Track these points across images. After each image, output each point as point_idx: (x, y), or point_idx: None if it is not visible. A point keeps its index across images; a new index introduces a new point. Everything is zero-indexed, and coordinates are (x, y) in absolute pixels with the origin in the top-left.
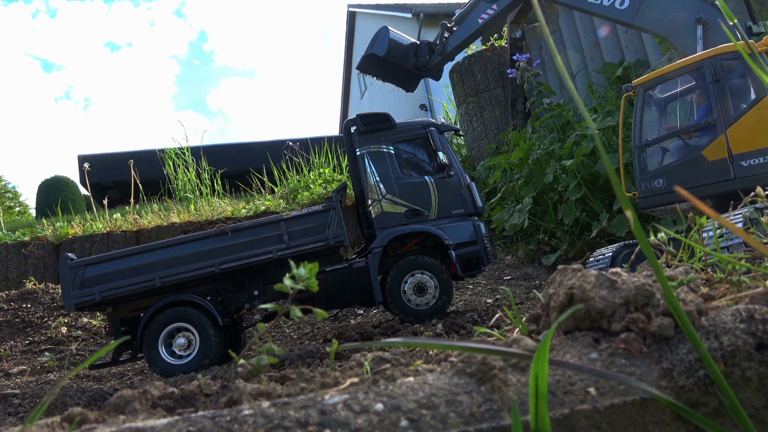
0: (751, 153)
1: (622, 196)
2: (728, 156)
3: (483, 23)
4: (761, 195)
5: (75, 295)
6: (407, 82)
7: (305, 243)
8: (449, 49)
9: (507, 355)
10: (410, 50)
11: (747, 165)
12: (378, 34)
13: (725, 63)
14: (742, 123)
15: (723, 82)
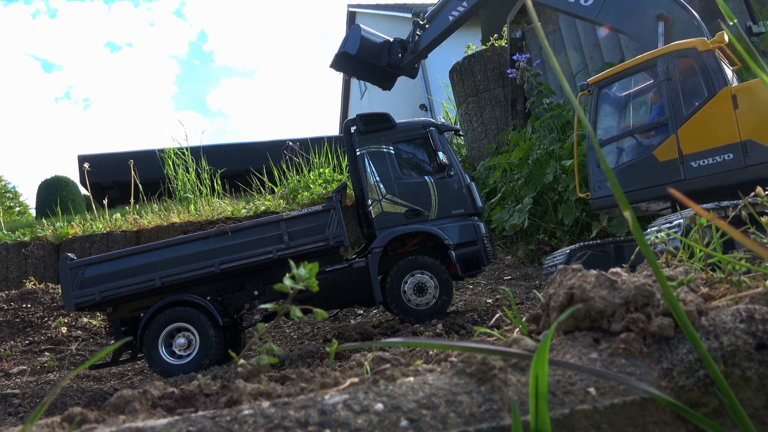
0: (701, 153)
1: (620, 195)
2: (679, 156)
3: (454, 20)
4: (761, 195)
5: (75, 295)
6: (383, 80)
7: (305, 243)
8: (421, 47)
9: (507, 355)
10: (383, 48)
11: (696, 165)
12: (350, 32)
13: (678, 61)
14: (693, 123)
15: (675, 80)
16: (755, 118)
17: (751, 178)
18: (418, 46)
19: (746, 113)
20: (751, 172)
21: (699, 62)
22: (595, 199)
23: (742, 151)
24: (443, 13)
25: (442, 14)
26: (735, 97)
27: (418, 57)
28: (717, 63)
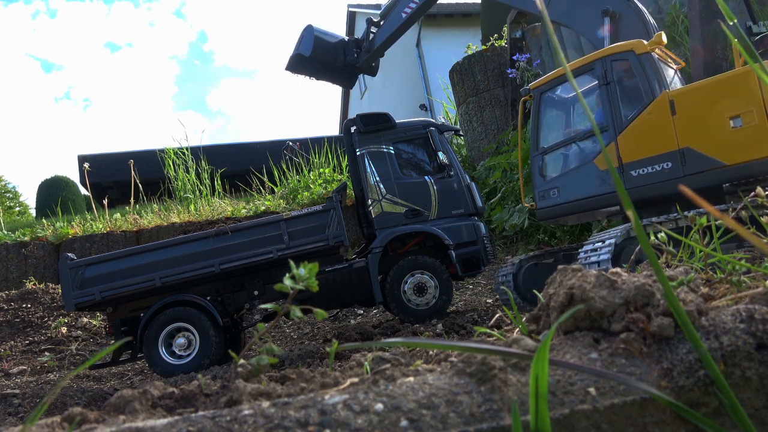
0: (640, 162)
1: (623, 194)
2: (619, 165)
3: (407, 17)
4: (761, 195)
5: (75, 295)
6: (342, 79)
7: (305, 243)
8: (376, 46)
9: (507, 355)
10: (339, 48)
11: (636, 174)
12: (303, 34)
13: (616, 64)
14: (632, 129)
15: (614, 84)
16: (693, 124)
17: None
18: (373, 45)
19: (684, 119)
20: (689, 182)
21: (636, 65)
22: (540, 209)
23: (681, 159)
24: (396, 10)
25: (395, 12)
26: (672, 102)
27: (374, 56)
28: (655, 66)
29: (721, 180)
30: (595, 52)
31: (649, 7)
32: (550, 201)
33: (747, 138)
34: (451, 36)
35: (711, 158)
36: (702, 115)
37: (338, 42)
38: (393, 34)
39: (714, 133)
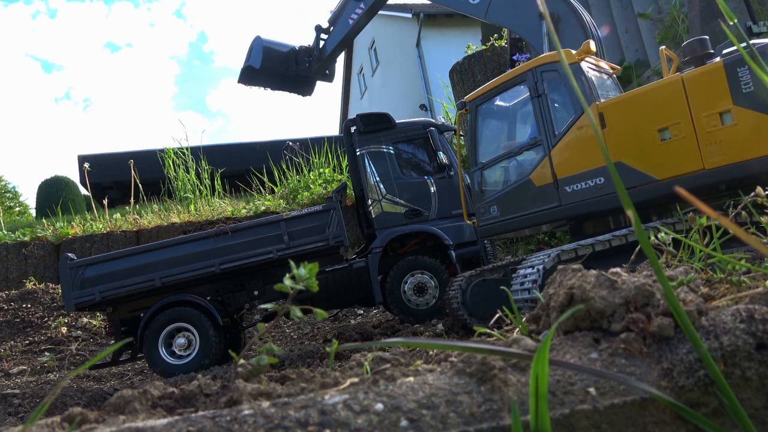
0: (574, 177)
1: (623, 194)
2: (553, 181)
3: (354, 23)
4: (761, 195)
5: (75, 295)
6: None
7: (305, 243)
8: (327, 53)
9: (507, 355)
10: (290, 57)
11: (571, 190)
12: (252, 45)
13: (546, 75)
14: (564, 144)
15: (544, 97)
16: (623, 137)
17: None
18: (324, 53)
19: (615, 132)
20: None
21: (565, 76)
22: (480, 226)
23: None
24: (342, 17)
25: (342, 18)
26: (602, 115)
27: (325, 63)
28: (585, 76)
29: (654, 196)
30: (525, 63)
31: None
32: (489, 218)
33: (676, 151)
34: (451, 36)
35: (642, 173)
36: (631, 128)
37: (289, 51)
38: (343, 40)
39: (644, 146)
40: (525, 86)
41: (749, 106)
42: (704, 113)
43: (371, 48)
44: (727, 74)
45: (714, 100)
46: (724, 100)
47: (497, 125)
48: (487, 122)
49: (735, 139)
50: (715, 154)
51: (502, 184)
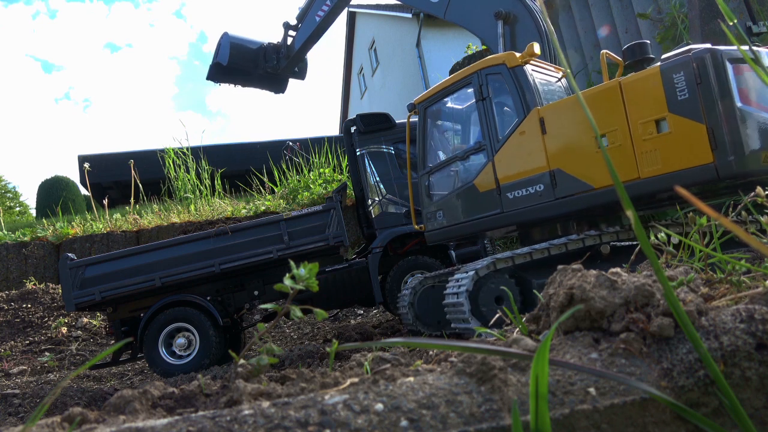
0: (515, 183)
1: (622, 194)
2: (496, 187)
3: (320, 20)
4: (761, 195)
5: (75, 295)
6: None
7: (305, 243)
8: (294, 51)
9: (507, 355)
10: (259, 54)
11: (512, 197)
12: (220, 41)
13: (490, 78)
14: (507, 149)
15: (489, 100)
16: (562, 144)
17: (561, 212)
18: (292, 50)
19: (554, 138)
20: (560, 206)
21: (509, 79)
22: (427, 232)
23: (552, 181)
24: (310, 14)
25: (309, 15)
26: (542, 120)
27: (293, 60)
28: (527, 80)
29: (589, 205)
30: (471, 65)
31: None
32: (435, 223)
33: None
34: (451, 36)
35: (580, 181)
36: (570, 134)
37: (258, 48)
38: (310, 37)
39: (582, 153)
40: (471, 89)
41: (684, 114)
42: (640, 120)
43: (371, 48)
44: (663, 81)
45: (650, 107)
46: (660, 107)
47: (445, 128)
48: (435, 125)
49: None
50: (650, 163)
51: (448, 189)
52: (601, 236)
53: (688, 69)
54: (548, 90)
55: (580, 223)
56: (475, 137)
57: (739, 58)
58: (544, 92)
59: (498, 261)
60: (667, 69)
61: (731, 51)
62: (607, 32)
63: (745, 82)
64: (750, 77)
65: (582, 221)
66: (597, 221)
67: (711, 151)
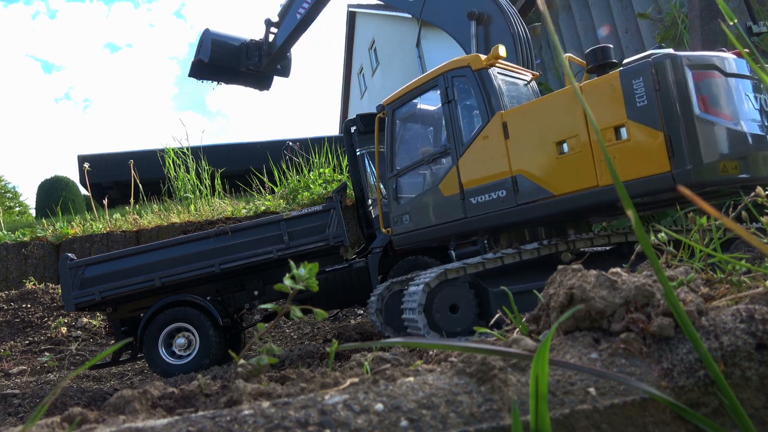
0: (479, 189)
1: (623, 194)
2: (460, 191)
3: (302, 18)
4: (761, 195)
5: (75, 295)
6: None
7: (305, 243)
8: (276, 48)
9: (507, 355)
10: (241, 51)
11: (476, 202)
12: (202, 38)
13: (456, 81)
14: (471, 153)
15: (454, 103)
16: (525, 149)
17: (523, 219)
18: (273, 47)
19: (516, 143)
20: (522, 212)
21: (473, 82)
22: (395, 235)
23: (513, 187)
24: (291, 11)
25: (291, 12)
26: (505, 124)
27: (276, 58)
28: (492, 83)
29: (549, 212)
30: (438, 67)
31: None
32: (402, 227)
33: (573, 166)
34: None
35: (540, 187)
36: (532, 140)
37: (241, 45)
38: (291, 34)
39: (543, 159)
40: (438, 91)
41: (643, 121)
42: (600, 127)
43: (371, 48)
44: (623, 86)
45: (610, 114)
46: (620, 113)
47: (413, 130)
48: (404, 127)
49: (628, 156)
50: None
51: (415, 193)
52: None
53: (647, 75)
54: (516, 94)
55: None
56: (442, 140)
57: (700, 64)
58: (511, 96)
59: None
60: (626, 74)
61: (692, 57)
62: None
63: (704, 89)
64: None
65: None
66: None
67: (668, 160)
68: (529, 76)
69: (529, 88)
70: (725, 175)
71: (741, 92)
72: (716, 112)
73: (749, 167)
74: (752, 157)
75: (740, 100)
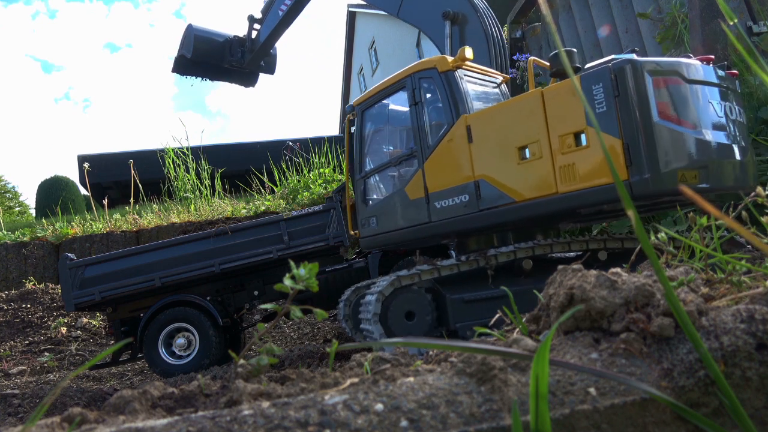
0: (443, 193)
1: (624, 194)
2: (425, 195)
3: (284, 14)
4: (761, 195)
5: (75, 295)
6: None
7: (305, 243)
8: (259, 44)
9: (507, 355)
10: (225, 47)
11: (440, 206)
12: (185, 33)
13: (423, 82)
14: (436, 156)
15: (421, 105)
16: (488, 154)
17: (485, 225)
18: (256, 44)
19: (480, 147)
20: (484, 218)
21: (440, 84)
22: (362, 238)
23: (476, 192)
24: (274, 7)
25: (273, 9)
26: (469, 128)
27: (259, 54)
28: (458, 85)
29: (511, 218)
30: (406, 68)
31: (649, 7)
32: (369, 230)
33: (534, 172)
34: None
35: (502, 193)
36: (495, 144)
37: (225, 41)
38: (274, 31)
39: (506, 164)
40: (406, 92)
41: (602, 127)
42: (560, 133)
43: (371, 48)
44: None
45: (570, 120)
46: (579, 119)
47: (382, 132)
48: (373, 128)
49: (587, 163)
50: (567, 178)
51: (382, 195)
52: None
53: (606, 80)
54: (484, 97)
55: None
56: (410, 143)
57: (661, 71)
58: (478, 99)
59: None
60: (586, 79)
61: (652, 62)
62: (607, 32)
63: (665, 96)
64: (671, 91)
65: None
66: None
67: (626, 168)
68: (499, 79)
69: (499, 90)
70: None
71: (705, 99)
72: (676, 120)
73: (710, 177)
74: (714, 166)
75: (703, 107)
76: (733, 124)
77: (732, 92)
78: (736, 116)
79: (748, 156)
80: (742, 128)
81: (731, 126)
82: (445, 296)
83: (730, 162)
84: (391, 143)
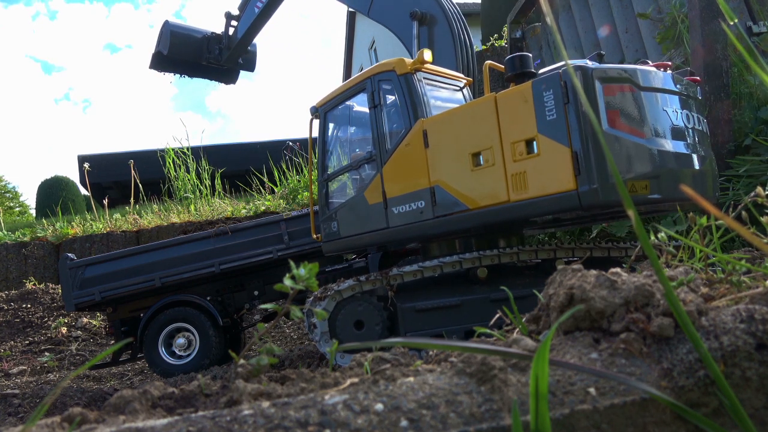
0: (400, 198)
1: (624, 195)
2: (383, 200)
3: (260, 11)
4: (761, 195)
5: (75, 295)
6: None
7: (305, 243)
8: (236, 41)
9: (507, 355)
10: (203, 44)
11: (397, 212)
12: (162, 29)
13: (383, 85)
14: (394, 161)
15: (380, 108)
16: (443, 160)
17: (441, 232)
18: (233, 41)
19: (435, 153)
20: (440, 225)
21: (398, 87)
22: (324, 242)
23: (432, 198)
24: (250, 4)
25: (249, 5)
26: (425, 132)
27: (236, 52)
28: (416, 89)
29: (464, 226)
30: (365, 70)
31: (649, 7)
32: (330, 234)
33: (487, 180)
34: None
35: (456, 200)
36: (449, 150)
37: (202, 38)
38: (250, 28)
39: (460, 171)
40: (366, 95)
41: (551, 135)
42: (512, 140)
43: (371, 48)
44: (534, 98)
45: (522, 126)
46: (531, 126)
47: (344, 134)
48: (335, 130)
49: (537, 172)
50: (518, 187)
51: (342, 199)
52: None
53: (556, 87)
54: (443, 101)
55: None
56: (369, 146)
57: (612, 77)
58: (437, 103)
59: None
60: (537, 85)
61: (603, 69)
62: (607, 32)
63: (614, 104)
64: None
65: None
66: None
67: (575, 178)
68: (462, 82)
69: (461, 94)
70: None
71: (659, 107)
72: (628, 129)
73: (662, 187)
74: (668, 176)
75: (659, 115)
76: (693, 133)
77: (693, 100)
78: (695, 124)
79: (707, 165)
80: (703, 137)
81: (690, 134)
82: (396, 305)
83: (687, 171)
84: (352, 146)
